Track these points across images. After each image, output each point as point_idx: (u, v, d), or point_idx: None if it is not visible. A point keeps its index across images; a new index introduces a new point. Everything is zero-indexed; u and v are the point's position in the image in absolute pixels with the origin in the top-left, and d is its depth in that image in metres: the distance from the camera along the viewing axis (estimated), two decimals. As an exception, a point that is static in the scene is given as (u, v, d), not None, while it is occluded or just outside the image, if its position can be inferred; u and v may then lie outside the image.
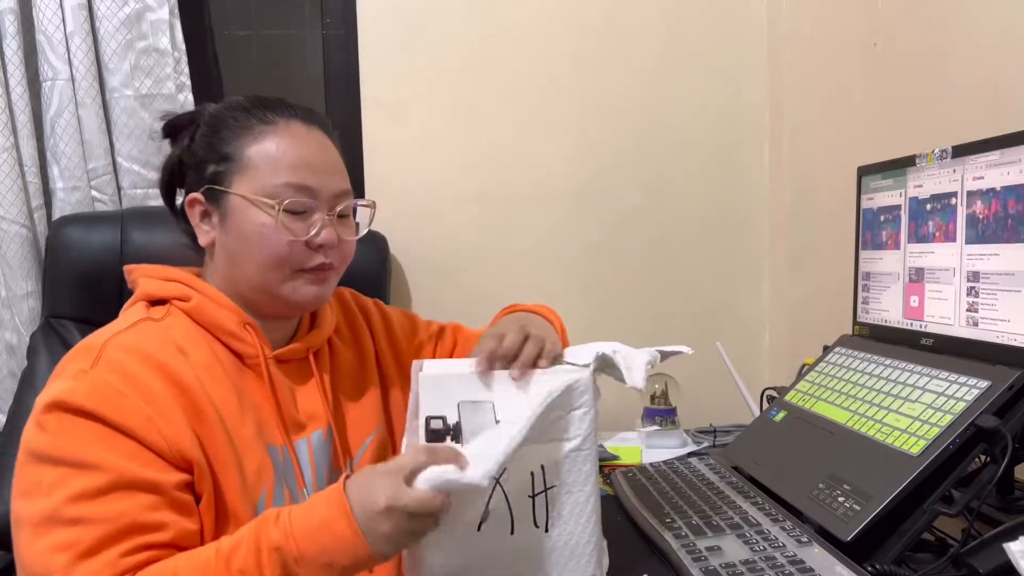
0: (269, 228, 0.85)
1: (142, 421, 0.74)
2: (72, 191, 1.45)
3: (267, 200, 0.85)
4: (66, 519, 0.70)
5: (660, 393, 1.44)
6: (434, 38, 1.60)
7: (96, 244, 1.32)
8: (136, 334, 0.82)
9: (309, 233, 0.86)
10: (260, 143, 0.87)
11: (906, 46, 1.37)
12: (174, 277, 0.90)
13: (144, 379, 0.77)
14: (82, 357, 0.78)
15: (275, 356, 0.89)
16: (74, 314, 1.33)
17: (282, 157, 0.86)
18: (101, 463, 0.72)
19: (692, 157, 1.65)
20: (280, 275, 0.86)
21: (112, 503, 0.71)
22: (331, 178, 0.89)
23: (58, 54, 1.41)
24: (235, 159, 0.87)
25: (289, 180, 0.85)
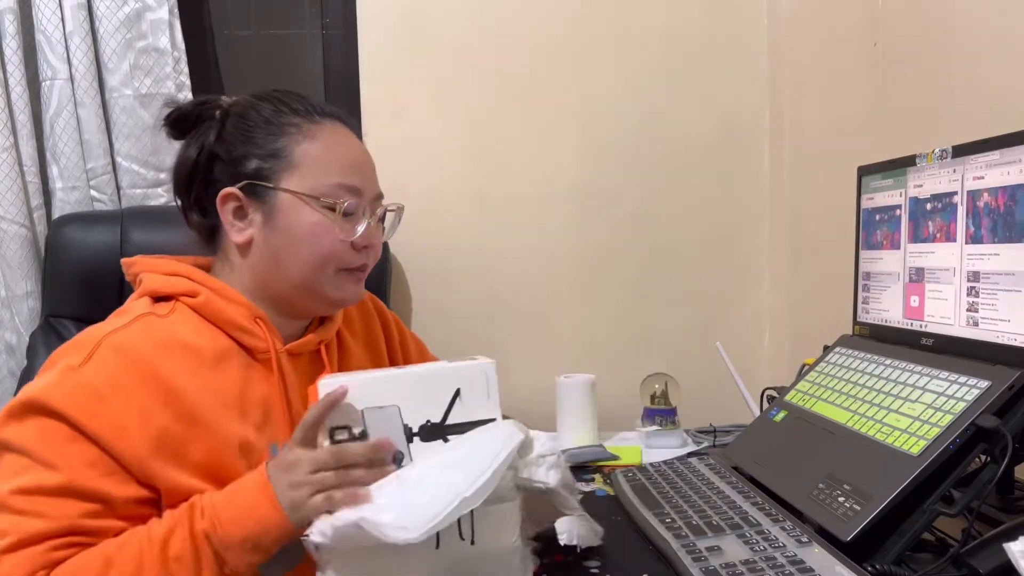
0: (323, 227, 0.86)
1: (114, 430, 0.74)
2: (71, 191, 1.45)
3: (324, 199, 0.86)
4: (12, 508, 0.72)
5: (660, 393, 1.44)
6: (434, 38, 1.60)
7: (96, 243, 1.32)
8: (135, 332, 0.81)
9: (356, 234, 0.88)
10: (311, 142, 0.87)
11: (906, 46, 1.36)
12: (178, 272, 0.88)
13: (129, 384, 0.76)
14: (75, 352, 0.78)
15: (287, 350, 0.89)
16: (74, 313, 1.33)
17: (333, 157, 0.88)
18: (59, 465, 0.73)
19: (692, 157, 1.65)
20: (325, 274, 0.88)
21: (59, 505, 0.72)
22: (373, 179, 0.92)
23: (57, 54, 1.41)
24: (283, 156, 0.86)
25: (341, 180, 0.87)
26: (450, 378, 0.75)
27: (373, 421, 0.73)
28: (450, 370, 0.76)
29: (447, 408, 0.75)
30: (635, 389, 1.47)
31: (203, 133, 0.91)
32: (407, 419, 0.74)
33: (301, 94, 0.92)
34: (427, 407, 0.75)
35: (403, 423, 0.74)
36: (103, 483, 0.74)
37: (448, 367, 0.76)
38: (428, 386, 0.75)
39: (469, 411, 0.75)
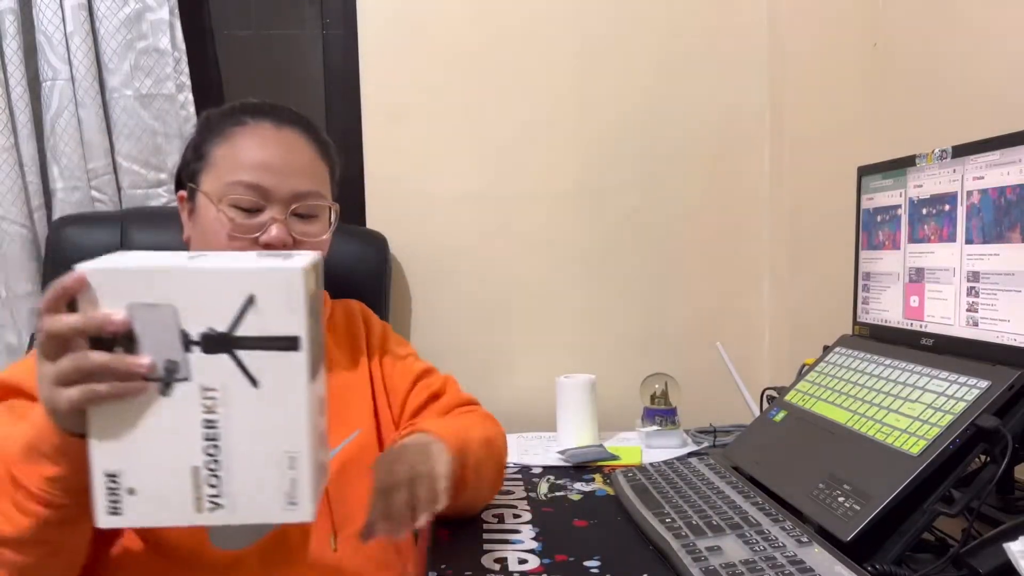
0: (219, 224, 0.88)
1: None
2: (72, 191, 1.45)
3: (222, 197, 0.88)
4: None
5: (660, 393, 1.44)
6: (434, 38, 1.60)
7: (96, 244, 1.32)
8: None
9: (257, 232, 0.88)
10: (226, 143, 0.91)
11: (906, 46, 1.37)
12: None
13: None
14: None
15: None
16: (73, 314, 1.33)
17: (241, 157, 0.90)
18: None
19: (692, 157, 1.65)
20: None
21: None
22: (289, 178, 0.90)
23: (58, 54, 1.41)
24: (206, 158, 0.92)
25: (242, 179, 0.88)
26: (243, 281, 0.61)
27: (141, 320, 0.60)
28: (242, 273, 0.61)
29: (237, 316, 0.61)
30: (635, 389, 1.47)
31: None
32: (186, 324, 0.61)
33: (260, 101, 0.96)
34: (211, 312, 0.61)
35: (180, 328, 0.61)
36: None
37: (241, 269, 0.62)
38: (215, 286, 0.61)
39: (266, 324, 0.61)
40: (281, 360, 0.62)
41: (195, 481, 0.62)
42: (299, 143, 0.93)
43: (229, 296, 0.61)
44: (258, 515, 0.64)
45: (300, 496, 0.63)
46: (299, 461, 0.63)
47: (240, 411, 0.62)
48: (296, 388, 0.62)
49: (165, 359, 0.61)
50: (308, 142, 0.94)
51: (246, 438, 0.62)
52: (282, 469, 0.63)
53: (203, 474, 0.62)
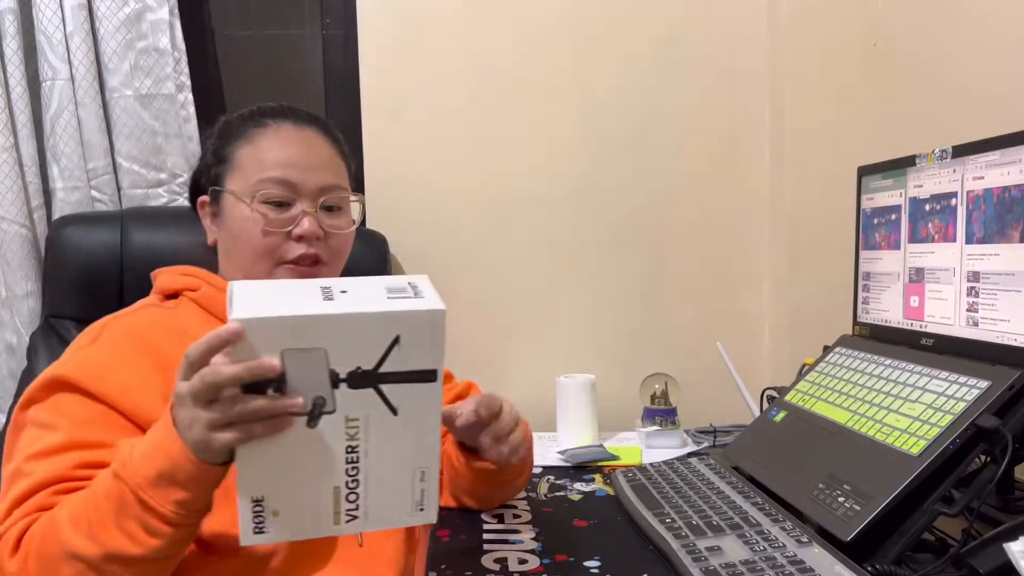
0: (252, 221, 0.90)
1: (118, 390, 0.81)
2: (72, 191, 1.45)
3: (251, 194, 0.91)
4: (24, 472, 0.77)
5: (660, 393, 1.44)
6: (434, 38, 1.60)
7: (96, 244, 1.32)
8: (137, 316, 0.90)
9: (288, 225, 0.90)
10: (250, 144, 0.93)
11: (906, 46, 1.37)
12: (189, 272, 0.96)
13: (130, 353, 0.84)
14: (87, 335, 0.88)
15: None
16: (74, 314, 1.33)
17: (266, 155, 0.92)
18: (59, 424, 0.79)
19: (692, 157, 1.65)
20: (264, 268, 0.91)
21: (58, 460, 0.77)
22: (315, 173, 0.93)
23: (58, 54, 1.41)
24: (229, 160, 0.94)
25: (270, 175, 0.91)
26: (391, 323, 0.64)
27: (293, 364, 0.63)
28: (390, 316, 0.64)
29: (383, 355, 0.65)
30: (635, 389, 1.47)
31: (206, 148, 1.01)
32: (335, 364, 0.64)
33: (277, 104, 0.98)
34: (359, 352, 0.64)
35: (329, 368, 0.64)
36: (107, 435, 0.79)
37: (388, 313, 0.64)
38: (364, 329, 0.64)
39: (409, 360, 0.65)
40: (419, 390, 0.67)
41: (336, 498, 0.68)
42: (318, 141, 0.96)
43: (377, 337, 0.64)
44: (390, 522, 0.71)
45: (427, 503, 0.71)
46: (428, 474, 0.70)
47: (379, 435, 0.67)
48: (431, 413, 0.69)
49: (314, 396, 0.64)
50: (326, 141, 0.97)
51: (383, 458, 0.68)
52: (414, 482, 0.70)
53: (343, 492, 0.68)
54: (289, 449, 0.65)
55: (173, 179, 1.51)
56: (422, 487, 0.71)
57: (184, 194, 1.51)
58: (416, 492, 0.71)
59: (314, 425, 0.65)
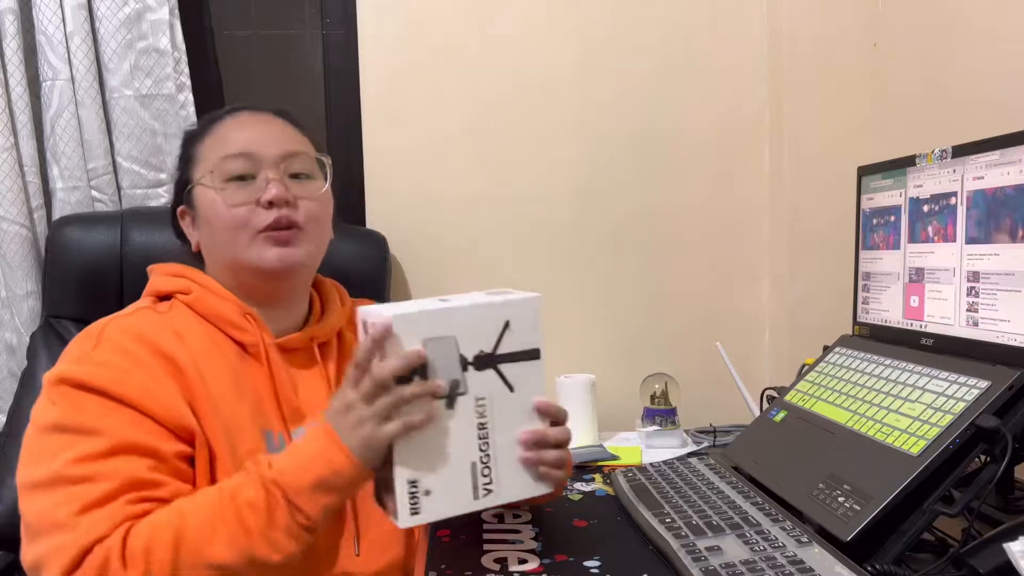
0: (216, 202, 0.89)
1: (141, 393, 0.79)
2: (72, 191, 1.45)
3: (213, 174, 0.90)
4: (71, 478, 0.73)
5: (660, 393, 1.44)
6: (434, 38, 1.60)
7: (96, 244, 1.32)
8: (135, 319, 0.87)
9: (255, 195, 0.89)
10: (209, 137, 0.94)
11: (906, 46, 1.37)
12: (179, 272, 0.94)
13: (142, 356, 0.82)
14: (84, 342, 0.84)
15: (278, 344, 0.91)
16: (74, 314, 1.33)
17: (223, 140, 0.92)
18: (104, 429, 0.76)
19: (692, 157, 1.65)
20: (243, 241, 0.89)
21: (114, 463, 0.75)
22: (274, 143, 0.92)
23: (58, 54, 1.41)
24: (191, 157, 0.95)
25: (228, 152, 0.90)
26: (501, 311, 0.78)
27: (433, 351, 0.74)
28: (501, 304, 0.78)
29: (498, 338, 0.77)
30: (635, 389, 1.47)
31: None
32: (463, 349, 0.76)
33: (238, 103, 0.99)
34: (480, 338, 0.76)
35: (459, 353, 0.75)
36: (148, 439, 0.77)
37: (499, 300, 0.78)
38: (482, 318, 0.77)
39: (517, 342, 0.78)
40: (528, 368, 0.79)
41: (473, 474, 0.77)
42: (278, 123, 0.96)
43: (492, 324, 0.77)
44: (519, 493, 0.80)
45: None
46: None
47: (500, 411, 0.78)
48: (539, 388, 0.80)
49: (450, 379, 0.75)
50: (286, 123, 0.97)
51: (506, 432, 0.78)
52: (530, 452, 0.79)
53: (479, 467, 0.77)
54: (435, 432, 0.74)
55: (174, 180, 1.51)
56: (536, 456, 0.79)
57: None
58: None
59: (452, 406, 0.75)
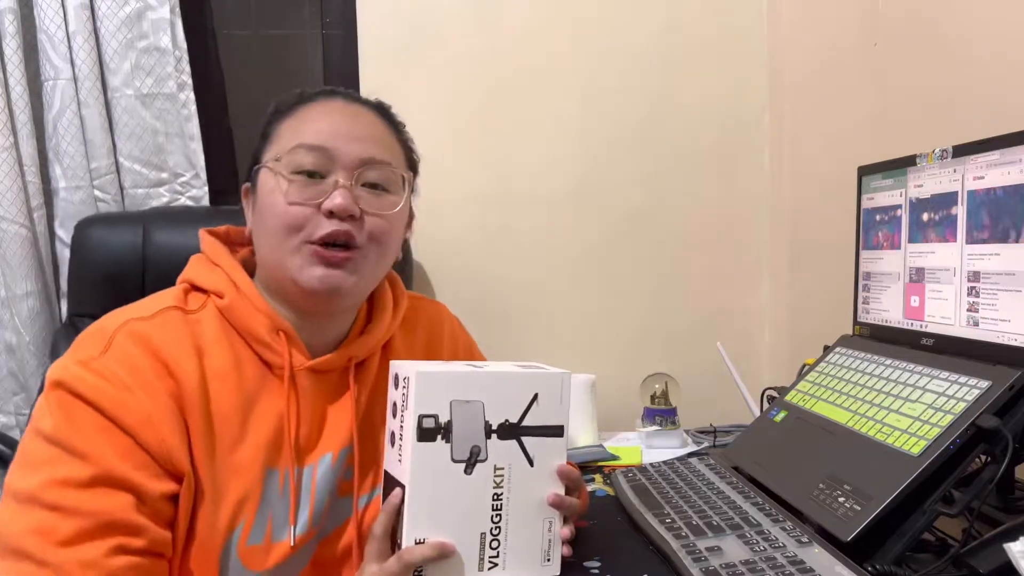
0: (276, 192, 0.79)
1: (142, 420, 0.72)
2: (75, 191, 1.45)
3: (281, 161, 0.79)
4: (46, 503, 0.68)
5: (660, 393, 1.44)
6: (434, 38, 1.60)
7: (120, 244, 1.32)
8: (154, 325, 0.77)
9: (319, 198, 0.78)
10: (292, 118, 0.83)
11: (906, 46, 1.37)
12: (220, 263, 0.84)
13: (149, 376, 0.74)
14: (95, 340, 0.76)
15: (310, 367, 0.82)
16: (97, 313, 1.32)
17: (304, 125, 0.81)
18: (91, 454, 0.70)
19: (692, 157, 1.65)
20: (290, 246, 0.78)
21: (94, 497, 0.69)
22: (356, 143, 0.81)
23: (60, 53, 1.41)
24: (267, 136, 0.84)
25: (303, 141, 0.79)
26: (531, 383, 0.78)
27: (459, 413, 0.74)
28: (532, 376, 0.78)
29: (525, 410, 0.77)
30: (635, 389, 1.47)
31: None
32: (488, 416, 0.76)
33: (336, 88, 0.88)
34: (507, 407, 0.76)
35: (485, 419, 0.75)
36: (136, 475, 0.71)
37: (531, 373, 0.79)
38: (512, 388, 0.77)
39: (543, 416, 0.78)
40: (550, 443, 0.78)
41: (482, 544, 0.76)
42: (369, 117, 0.85)
43: (521, 394, 0.77)
44: (523, 571, 0.78)
45: (553, 555, 0.80)
46: (554, 525, 0.79)
47: (518, 484, 0.77)
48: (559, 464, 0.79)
49: (472, 444, 0.75)
50: (380, 119, 0.86)
51: (521, 507, 0.77)
52: (543, 532, 0.79)
53: (487, 539, 0.76)
54: (450, 496, 0.74)
55: (175, 178, 1.51)
56: (549, 538, 0.79)
57: (187, 193, 1.52)
58: (544, 542, 0.79)
59: (471, 472, 0.75)
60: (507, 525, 0.77)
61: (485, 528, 0.76)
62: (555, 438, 0.79)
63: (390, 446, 0.78)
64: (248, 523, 0.77)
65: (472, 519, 0.76)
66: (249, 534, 0.77)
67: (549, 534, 0.79)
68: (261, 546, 0.78)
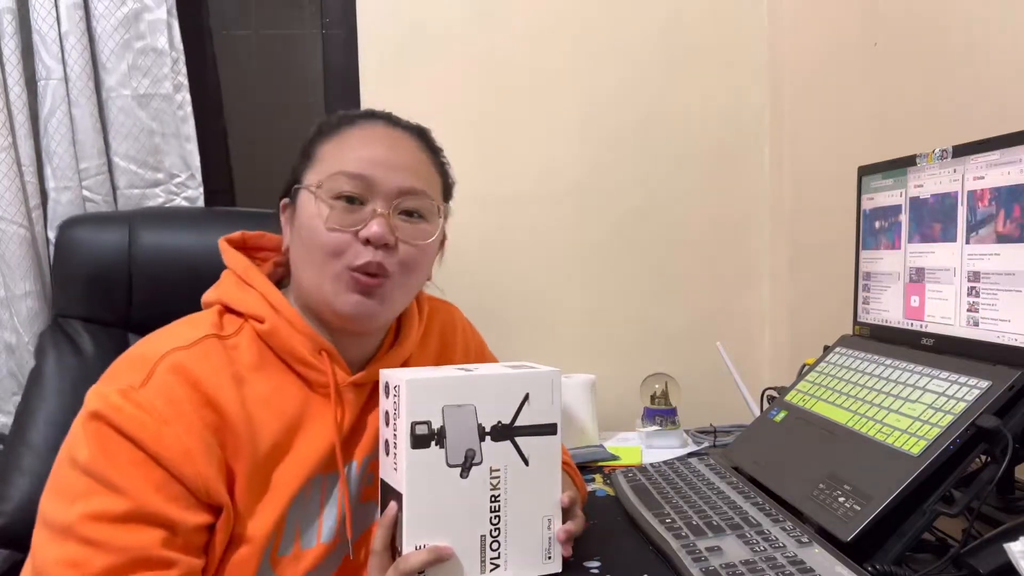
0: (316, 217, 0.81)
1: (180, 453, 0.72)
2: (63, 191, 1.44)
3: (323, 187, 0.82)
4: (80, 536, 0.69)
5: (660, 393, 1.44)
6: (434, 38, 1.59)
7: (104, 245, 1.31)
8: (194, 355, 0.78)
9: (357, 224, 0.81)
10: (335, 140, 0.86)
11: (906, 46, 1.36)
12: (253, 283, 0.85)
13: (188, 409, 0.75)
14: (135, 369, 0.76)
15: (353, 382, 0.85)
16: (82, 314, 1.32)
17: (347, 150, 0.84)
18: (127, 489, 0.71)
19: (692, 157, 1.65)
20: (330, 271, 0.81)
21: (127, 532, 0.70)
22: (396, 172, 0.84)
23: (51, 53, 1.41)
24: (310, 156, 0.87)
25: (345, 168, 0.82)
26: (522, 383, 0.79)
27: (451, 418, 0.75)
28: (522, 376, 0.79)
29: (516, 410, 0.78)
30: (635, 389, 1.47)
31: None
32: (481, 418, 0.77)
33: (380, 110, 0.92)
34: (499, 408, 0.77)
35: (477, 422, 0.76)
36: (169, 508, 0.72)
37: (520, 373, 0.79)
38: (502, 389, 0.78)
39: (535, 415, 0.79)
40: (544, 442, 0.79)
41: (482, 546, 0.77)
42: (410, 144, 0.88)
43: (512, 395, 0.78)
44: (525, 570, 0.79)
45: (554, 552, 0.81)
46: (553, 522, 0.81)
47: (515, 485, 0.78)
48: (554, 463, 0.81)
49: (466, 448, 0.76)
50: (420, 146, 0.90)
51: (519, 507, 0.78)
52: (543, 530, 0.80)
53: (488, 540, 0.77)
54: (447, 501, 0.75)
55: (170, 179, 1.50)
56: (548, 535, 0.80)
57: (182, 194, 1.51)
58: (544, 540, 0.80)
59: (466, 476, 0.76)
60: (506, 526, 0.78)
61: (485, 530, 0.77)
62: (549, 436, 0.80)
63: (385, 455, 0.79)
64: (280, 534, 0.80)
65: (471, 522, 0.76)
66: (279, 544, 0.80)
67: (548, 532, 0.80)
68: (290, 556, 0.81)
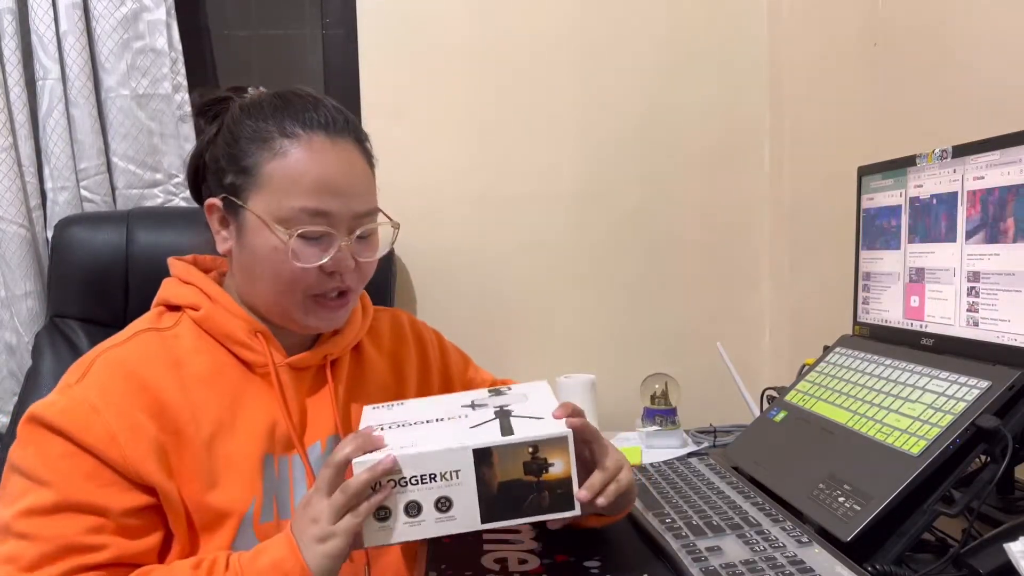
0: (281, 253, 0.82)
1: (106, 440, 0.76)
2: (60, 191, 1.44)
3: (283, 225, 0.81)
4: (15, 532, 0.74)
5: (660, 393, 1.44)
6: (434, 38, 1.60)
7: (101, 244, 1.31)
8: (128, 349, 0.83)
9: (323, 259, 0.83)
10: (279, 160, 0.82)
11: (906, 46, 1.36)
12: (192, 280, 0.89)
13: (122, 396, 0.78)
14: (74, 371, 0.81)
15: (288, 363, 0.87)
16: (78, 314, 1.33)
17: (300, 178, 0.81)
18: (55, 481, 0.75)
19: (692, 157, 1.65)
20: (293, 299, 0.84)
21: (55, 523, 0.74)
22: (353, 200, 0.84)
23: (49, 53, 1.41)
24: (253, 174, 0.83)
25: (305, 204, 0.81)
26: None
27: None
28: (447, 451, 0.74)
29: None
30: (635, 389, 1.47)
31: (207, 133, 0.89)
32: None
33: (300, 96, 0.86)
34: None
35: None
36: (100, 495, 0.76)
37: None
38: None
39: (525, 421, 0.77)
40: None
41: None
42: (354, 155, 0.86)
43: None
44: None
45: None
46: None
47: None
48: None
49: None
50: (359, 152, 0.88)
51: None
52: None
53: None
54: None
55: (169, 179, 1.51)
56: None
57: (181, 194, 1.51)
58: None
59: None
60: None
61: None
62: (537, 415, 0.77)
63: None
64: (258, 503, 0.83)
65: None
66: (261, 512, 0.83)
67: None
68: (273, 523, 0.83)
